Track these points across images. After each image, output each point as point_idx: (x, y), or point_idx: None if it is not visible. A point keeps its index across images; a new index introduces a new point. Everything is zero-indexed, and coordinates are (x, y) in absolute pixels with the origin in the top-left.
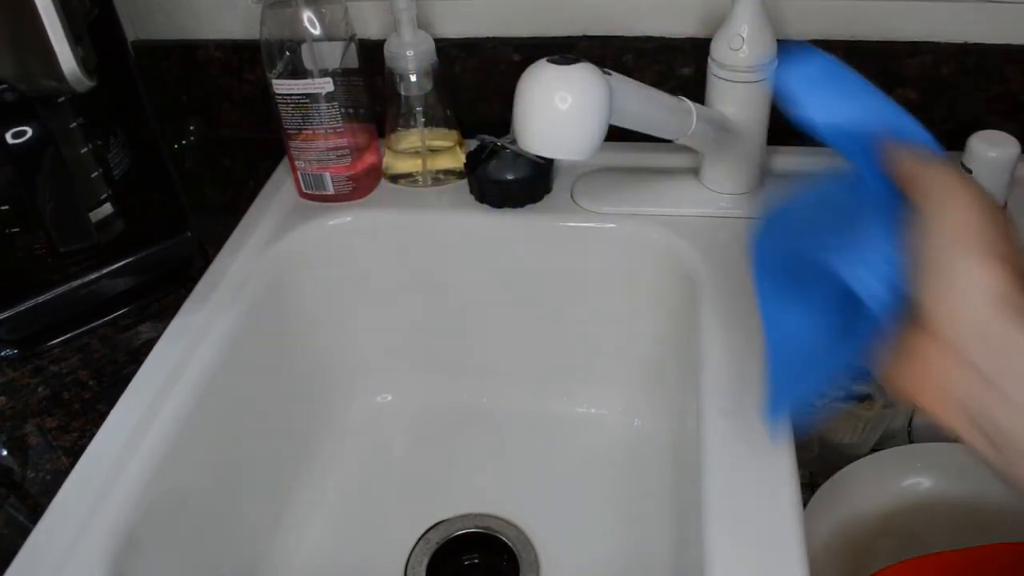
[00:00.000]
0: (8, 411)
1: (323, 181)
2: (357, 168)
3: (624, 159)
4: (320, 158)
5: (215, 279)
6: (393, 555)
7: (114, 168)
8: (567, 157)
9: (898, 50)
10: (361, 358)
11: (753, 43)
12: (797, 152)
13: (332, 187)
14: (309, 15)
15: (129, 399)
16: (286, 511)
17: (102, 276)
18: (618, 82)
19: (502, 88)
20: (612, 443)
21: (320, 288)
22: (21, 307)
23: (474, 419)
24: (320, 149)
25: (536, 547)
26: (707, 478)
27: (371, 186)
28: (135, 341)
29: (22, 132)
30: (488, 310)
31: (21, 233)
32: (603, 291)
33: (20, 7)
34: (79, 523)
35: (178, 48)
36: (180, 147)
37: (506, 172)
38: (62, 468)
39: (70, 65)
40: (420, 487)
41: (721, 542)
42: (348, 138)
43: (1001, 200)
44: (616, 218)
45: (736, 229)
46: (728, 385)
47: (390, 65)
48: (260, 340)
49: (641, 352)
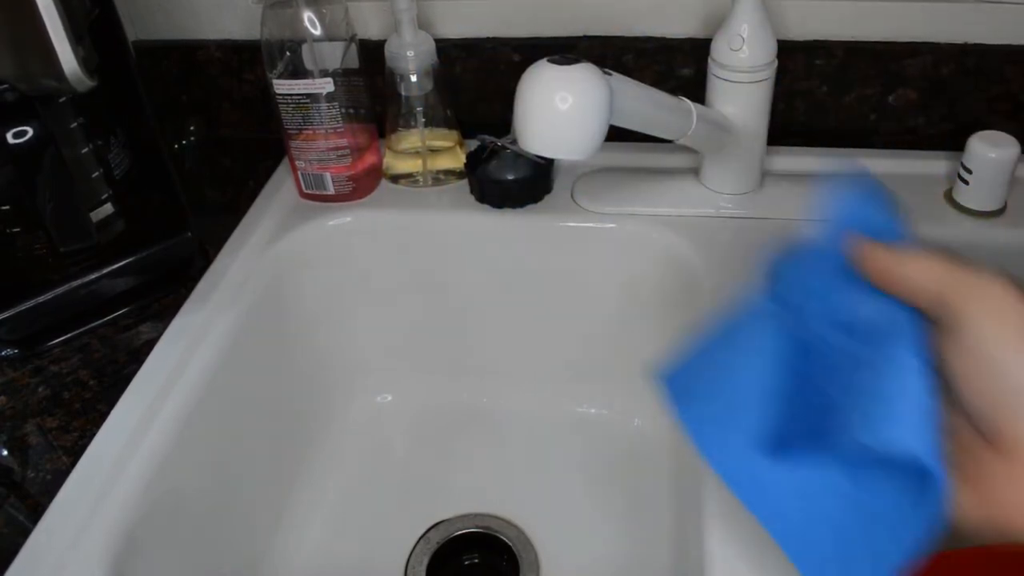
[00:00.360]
0: (8, 411)
1: (323, 181)
2: (357, 168)
3: (624, 159)
4: (320, 158)
5: (215, 279)
6: (393, 555)
7: (114, 168)
8: (567, 157)
9: (898, 50)
10: (361, 358)
11: (753, 43)
12: (797, 152)
13: (332, 187)
14: (309, 15)
15: (129, 399)
16: (286, 511)
17: (102, 276)
18: (618, 82)
19: (502, 88)
20: (612, 443)
21: (320, 288)
22: (21, 307)
23: (474, 419)
24: (320, 149)
25: (536, 547)
26: (707, 478)
27: (371, 186)
28: (135, 341)
29: (22, 132)
30: (488, 310)
31: (21, 233)
32: (603, 291)
33: (20, 7)
34: (79, 523)
35: (178, 48)
36: (180, 147)
37: (506, 172)
38: (62, 468)
39: (70, 65)
40: (420, 487)
41: (721, 542)
42: (348, 138)
43: (1001, 200)
44: (616, 218)
45: (736, 229)
46: None
47: (390, 65)
48: (260, 340)
49: (641, 352)
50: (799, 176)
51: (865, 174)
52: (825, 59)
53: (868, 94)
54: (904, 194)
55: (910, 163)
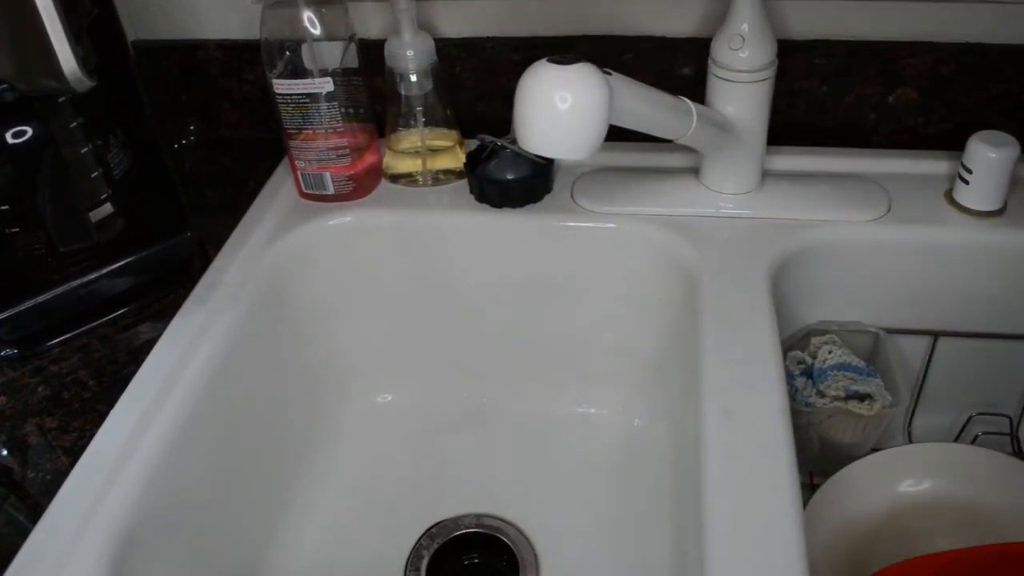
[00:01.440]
0: (8, 411)
1: (323, 181)
2: (357, 168)
3: (624, 159)
4: (320, 158)
5: (215, 279)
6: (393, 555)
7: (114, 168)
8: (567, 157)
9: (898, 50)
10: (361, 358)
11: (753, 43)
12: (797, 152)
13: (332, 187)
14: (309, 15)
15: (129, 399)
16: (286, 511)
17: (102, 276)
18: (618, 82)
19: (502, 88)
20: (612, 443)
21: (320, 288)
22: (21, 307)
23: (474, 419)
24: (320, 149)
25: (536, 547)
26: (707, 478)
27: (371, 186)
28: (135, 341)
29: (22, 132)
30: (488, 310)
31: (21, 233)
32: (603, 291)
33: (20, 7)
34: (79, 523)
35: (178, 48)
36: (180, 147)
37: (506, 172)
38: (62, 468)
39: (70, 65)
40: (420, 487)
41: (721, 542)
42: (348, 138)
43: (1001, 200)
44: (616, 218)
45: (736, 229)
46: (728, 385)
47: (390, 65)
48: (260, 340)
49: (641, 352)
50: (799, 176)
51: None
52: (825, 59)
53: (868, 94)
54: (904, 194)
55: (910, 163)
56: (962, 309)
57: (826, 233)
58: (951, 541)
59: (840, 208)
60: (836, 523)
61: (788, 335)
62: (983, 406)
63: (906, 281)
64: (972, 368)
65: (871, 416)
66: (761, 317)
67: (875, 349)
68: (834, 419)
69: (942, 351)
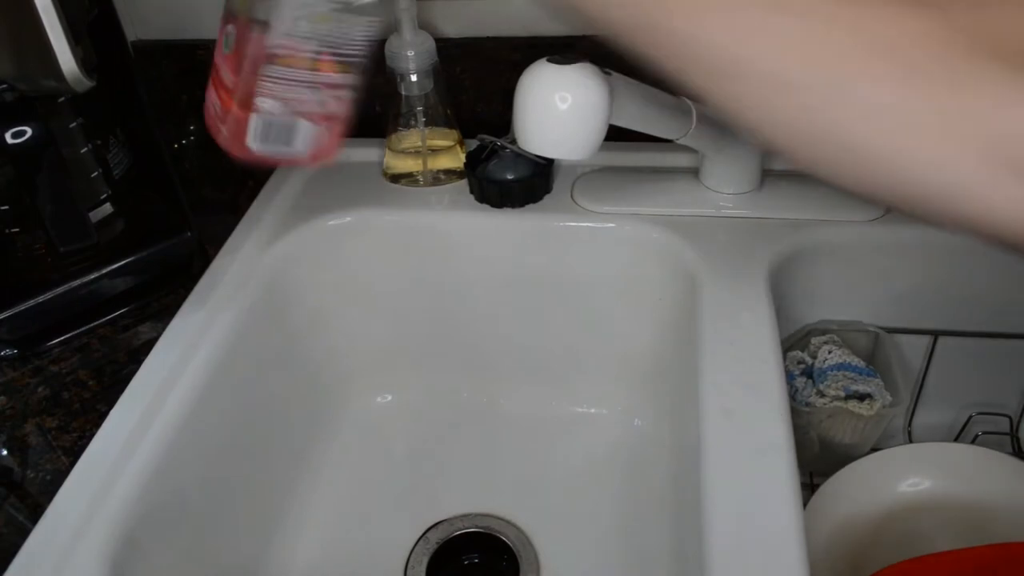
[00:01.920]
0: (8, 411)
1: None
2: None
3: (624, 159)
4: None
5: (215, 279)
6: (393, 555)
7: (114, 168)
8: (567, 157)
9: None
10: (361, 358)
11: None
12: None
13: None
14: None
15: (129, 399)
16: (286, 511)
17: (102, 276)
18: (618, 82)
19: (502, 88)
20: (612, 443)
21: (320, 287)
22: (21, 307)
23: (474, 419)
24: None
25: (536, 547)
26: (707, 478)
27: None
28: (135, 341)
29: (22, 132)
30: (488, 310)
31: (21, 233)
32: (603, 291)
33: (20, 7)
34: (79, 523)
35: (178, 48)
36: (180, 147)
37: (506, 172)
38: (62, 468)
39: (70, 65)
40: (420, 487)
41: (721, 542)
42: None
43: None
44: (616, 218)
45: (736, 229)
46: (728, 385)
47: (391, 65)
48: (260, 340)
49: (641, 352)
50: (799, 176)
51: None
52: None
53: None
54: None
55: None
56: (962, 309)
57: (826, 233)
58: (951, 541)
59: (840, 208)
60: (836, 523)
61: (788, 335)
62: (983, 406)
63: (906, 281)
64: (972, 368)
65: (871, 416)
66: (761, 317)
67: (875, 349)
68: (834, 419)
69: (942, 350)
